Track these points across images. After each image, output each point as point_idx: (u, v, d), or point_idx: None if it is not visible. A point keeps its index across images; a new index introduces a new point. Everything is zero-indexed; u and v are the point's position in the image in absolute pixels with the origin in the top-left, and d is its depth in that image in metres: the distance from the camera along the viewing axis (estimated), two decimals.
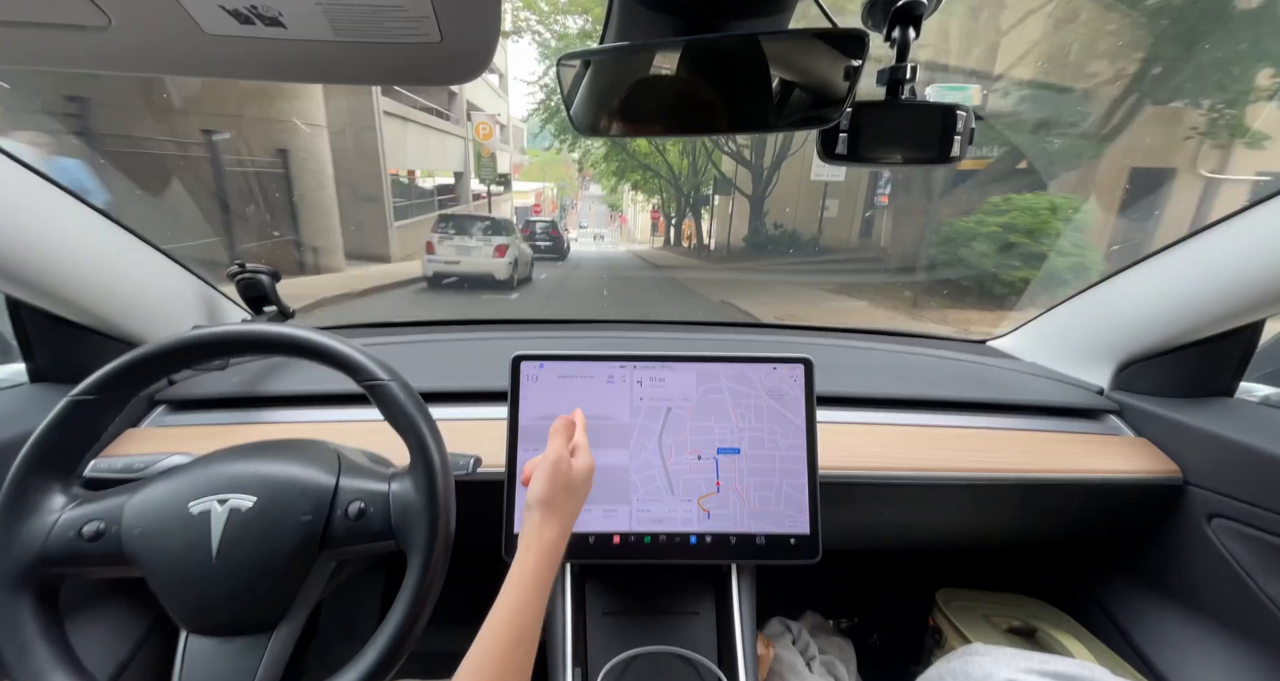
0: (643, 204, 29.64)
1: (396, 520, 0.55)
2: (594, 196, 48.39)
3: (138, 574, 0.53)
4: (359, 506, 0.55)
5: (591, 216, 49.39)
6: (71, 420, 0.54)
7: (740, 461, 0.78)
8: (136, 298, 0.92)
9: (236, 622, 0.53)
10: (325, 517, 0.55)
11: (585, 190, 47.94)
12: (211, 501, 0.53)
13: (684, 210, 20.58)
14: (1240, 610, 0.86)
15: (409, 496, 0.55)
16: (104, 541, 0.52)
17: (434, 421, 0.57)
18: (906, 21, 0.51)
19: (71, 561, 0.52)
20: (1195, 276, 0.87)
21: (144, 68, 0.46)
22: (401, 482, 0.57)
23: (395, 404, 0.56)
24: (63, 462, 0.55)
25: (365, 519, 0.55)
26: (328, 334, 0.58)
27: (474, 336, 1.31)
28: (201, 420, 0.92)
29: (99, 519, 0.53)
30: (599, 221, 48.27)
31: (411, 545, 0.54)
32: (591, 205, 50.50)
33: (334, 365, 0.57)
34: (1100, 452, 0.94)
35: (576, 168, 27.15)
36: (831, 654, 1.07)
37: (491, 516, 0.76)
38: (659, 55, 0.54)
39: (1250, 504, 0.82)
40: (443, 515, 0.54)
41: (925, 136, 0.56)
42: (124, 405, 0.57)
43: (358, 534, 0.55)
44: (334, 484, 0.57)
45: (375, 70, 0.47)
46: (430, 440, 0.56)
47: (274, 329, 0.58)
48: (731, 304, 7.76)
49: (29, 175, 0.73)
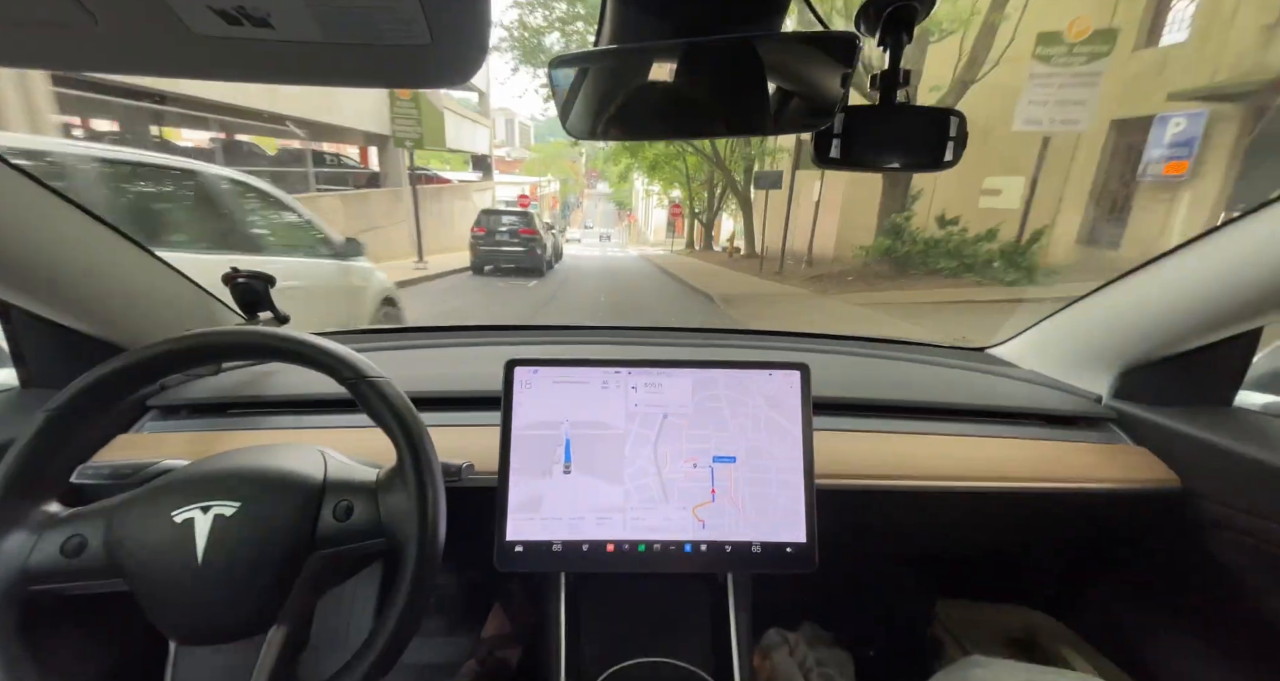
0: (658, 198, 25.96)
1: (385, 516, 0.54)
2: (601, 194, 47.22)
3: (123, 587, 0.52)
4: (346, 504, 0.55)
5: (598, 216, 48.36)
6: (49, 435, 0.53)
7: (736, 470, 0.77)
8: (130, 302, 0.91)
9: (226, 630, 0.52)
10: (313, 518, 0.54)
11: (592, 188, 47.03)
12: (194, 509, 0.52)
13: (719, 203, 18.33)
14: (1242, 621, 0.85)
15: (396, 492, 0.54)
16: (87, 555, 0.51)
17: (418, 415, 0.56)
18: (899, 26, 0.52)
19: (55, 578, 0.51)
20: (1193, 283, 0.86)
21: (131, 68, 0.46)
22: (388, 478, 0.56)
23: (376, 399, 0.55)
24: (43, 478, 0.54)
25: (353, 517, 0.54)
26: (308, 334, 0.58)
27: (468, 342, 1.30)
28: (193, 425, 0.91)
29: (81, 533, 0.52)
30: (606, 221, 47.05)
31: (402, 540, 0.53)
32: (598, 203, 49.46)
33: (313, 365, 0.57)
34: (1099, 461, 0.93)
35: (583, 162, 26.03)
36: (829, 666, 1.05)
37: (483, 524, 0.75)
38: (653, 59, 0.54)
39: (1250, 513, 0.81)
40: (432, 508, 0.53)
41: (918, 141, 0.56)
42: (105, 416, 0.56)
43: (346, 533, 0.54)
44: (320, 483, 0.56)
45: (365, 72, 0.47)
46: (415, 433, 0.55)
47: (250, 331, 0.57)
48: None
49: (21, 179, 0.73)
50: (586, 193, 47.37)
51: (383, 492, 0.55)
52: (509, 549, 0.73)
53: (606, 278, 13.23)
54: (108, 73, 0.45)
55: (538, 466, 0.76)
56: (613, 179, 17.80)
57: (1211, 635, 0.90)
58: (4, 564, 0.50)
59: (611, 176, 17.44)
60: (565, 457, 0.76)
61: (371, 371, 0.57)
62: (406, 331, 1.40)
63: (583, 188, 45.15)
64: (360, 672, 0.49)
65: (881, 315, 7.44)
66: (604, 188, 38.23)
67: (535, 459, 0.76)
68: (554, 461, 0.76)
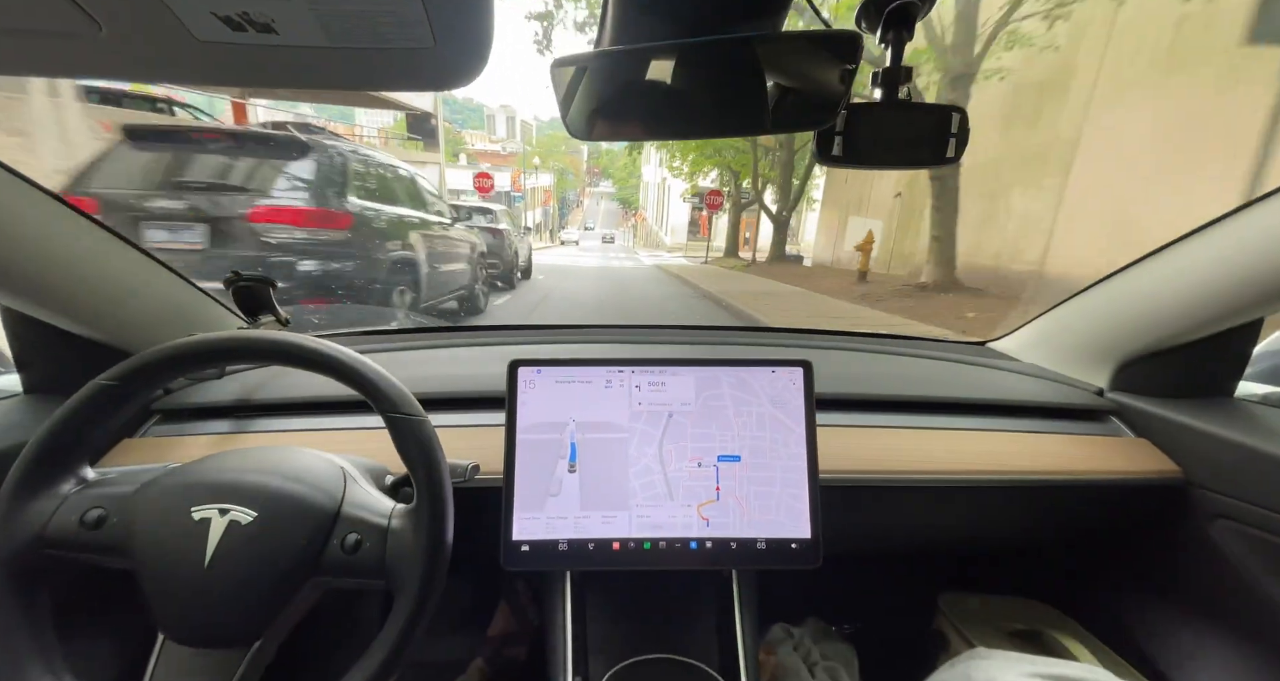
0: (681, 185, 16.64)
1: (391, 560, 0.54)
2: (603, 193, 44.62)
3: (130, 566, 0.53)
4: (355, 539, 0.55)
5: (600, 215, 45.51)
6: (93, 403, 0.54)
7: (741, 469, 0.78)
8: (132, 307, 0.91)
9: (216, 635, 0.53)
10: (321, 545, 0.54)
11: (594, 187, 44.63)
12: (213, 510, 0.53)
13: (798, 188, 11.75)
14: (1244, 611, 0.86)
15: (407, 538, 0.55)
16: (105, 529, 0.53)
17: (445, 464, 0.57)
18: (900, 23, 0.52)
19: (68, 545, 0.52)
20: (1194, 275, 0.87)
21: (135, 75, 0.46)
22: (402, 522, 0.56)
23: (415, 440, 0.56)
24: (77, 446, 0.55)
25: (360, 553, 0.54)
26: (350, 351, 0.57)
27: (470, 342, 1.30)
28: (198, 429, 0.91)
29: (103, 506, 0.53)
30: (609, 221, 44.46)
31: (402, 589, 0.53)
32: (600, 202, 46.88)
33: (353, 385, 0.57)
34: (1101, 453, 0.94)
35: (584, 157, 21.99)
36: (834, 660, 1.06)
37: (489, 524, 0.76)
38: (654, 58, 0.54)
39: (1253, 504, 0.81)
40: (440, 563, 0.53)
41: (920, 138, 0.57)
42: (142, 399, 0.58)
43: (350, 567, 0.55)
44: (335, 511, 0.56)
45: (369, 76, 0.47)
46: (439, 483, 0.55)
47: (304, 342, 0.58)
48: None
49: (22, 184, 0.73)
50: (588, 190, 45.32)
51: (393, 535, 0.55)
52: (515, 548, 0.74)
53: (607, 304, 8.83)
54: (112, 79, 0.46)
55: (543, 466, 0.76)
56: (618, 173, 15.69)
57: (1213, 625, 0.91)
58: (24, 523, 0.51)
59: (617, 171, 15.49)
60: (570, 457, 0.76)
61: (414, 410, 0.57)
62: (409, 332, 1.40)
63: (583, 184, 42.99)
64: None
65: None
66: (607, 186, 35.43)
67: (540, 458, 0.76)
68: (559, 460, 0.76)
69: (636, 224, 35.64)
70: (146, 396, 0.57)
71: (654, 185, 27.90)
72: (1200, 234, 0.86)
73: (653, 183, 27.02)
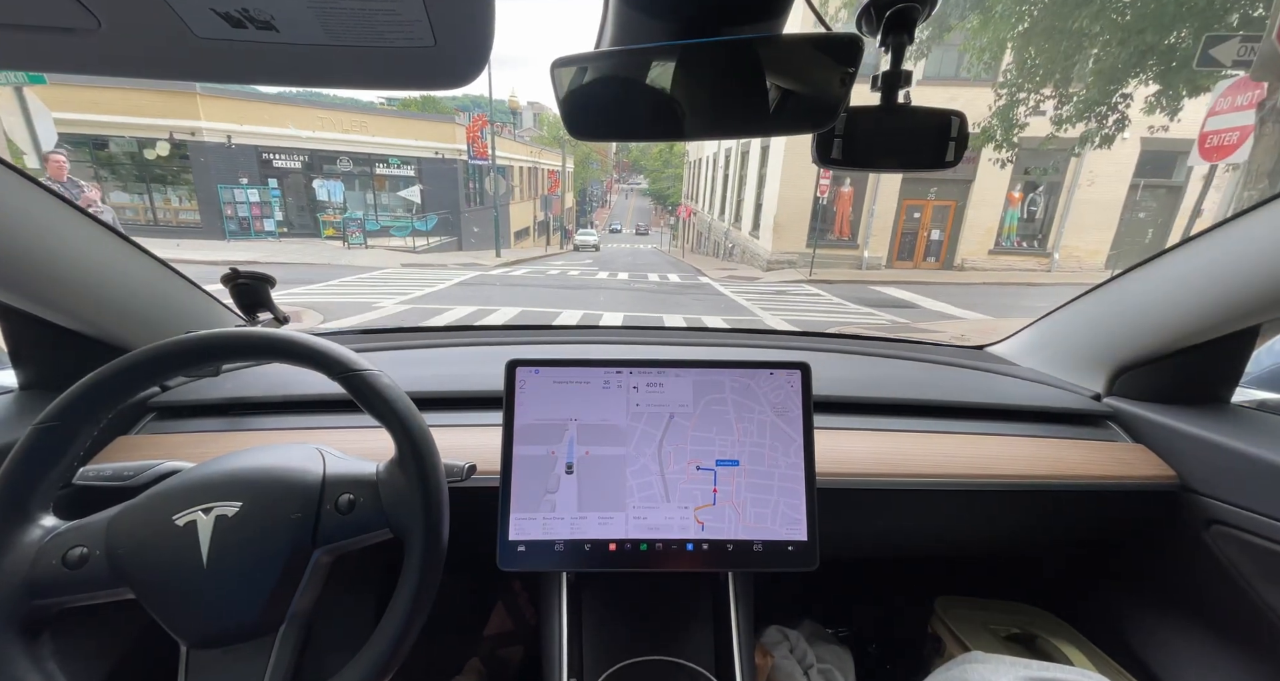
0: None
1: (388, 507, 0.54)
2: (631, 188, 39.97)
3: (129, 596, 0.51)
4: (349, 498, 0.55)
5: (629, 213, 40.27)
6: (41, 447, 0.52)
7: (738, 474, 0.77)
8: (129, 304, 0.91)
9: (237, 630, 0.52)
10: (315, 513, 0.54)
11: (622, 183, 40.50)
12: (196, 512, 0.52)
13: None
14: (1239, 617, 0.86)
15: (398, 482, 0.54)
16: (90, 566, 0.51)
17: (413, 406, 0.56)
18: (901, 26, 0.52)
19: (58, 590, 0.50)
20: (1192, 282, 0.87)
21: (135, 71, 0.45)
22: (389, 469, 0.56)
23: (371, 392, 0.55)
24: (37, 492, 0.53)
25: (357, 510, 0.54)
26: (302, 333, 0.58)
27: (469, 342, 1.30)
28: (194, 426, 0.91)
29: (81, 543, 0.51)
30: (640, 220, 39.18)
31: (408, 530, 0.53)
32: (630, 198, 41.87)
33: (305, 362, 0.56)
34: (1097, 458, 0.94)
35: (613, 151, 15.76)
36: (830, 662, 1.06)
37: (486, 524, 0.75)
38: (654, 59, 0.54)
39: (1248, 510, 0.81)
40: (434, 495, 0.53)
41: (920, 141, 0.57)
42: (97, 425, 0.55)
43: (351, 526, 0.54)
44: (320, 478, 0.56)
45: (368, 74, 0.47)
46: (412, 423, 0.55)
47: (244, 332, 0.57)
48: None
49: (21, 180, 0.73)
50: (615, 187, 42.04)
51: (384, 484, 0.55)
52: (512, 548, 0.73)
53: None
54: (111, 75, 0.45)
55: (540, 466, 0.76)
56: (651, 162, 11.71)
57: (1208, 629, 0.91)
58: (5, 580, 0.49)
59: (649, 161, 11.64)
60: (568, 457, 0.76)
61: (362, 365, 0.56)
62: (407, 331, 1.40)
63: (610, 177, 39.37)
64: (373, 661, 0.50)
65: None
66: (637, 181, 29.73)
67: (537, 459, 0.76)
68: (556, 461, 0.76)
69: (679, 222, 25.36)
70: (94, 428, 0.56)
71: (717, 158, 17.83)
72: (1198, 241, 0.86)
73: (713, 156, 16.43)
